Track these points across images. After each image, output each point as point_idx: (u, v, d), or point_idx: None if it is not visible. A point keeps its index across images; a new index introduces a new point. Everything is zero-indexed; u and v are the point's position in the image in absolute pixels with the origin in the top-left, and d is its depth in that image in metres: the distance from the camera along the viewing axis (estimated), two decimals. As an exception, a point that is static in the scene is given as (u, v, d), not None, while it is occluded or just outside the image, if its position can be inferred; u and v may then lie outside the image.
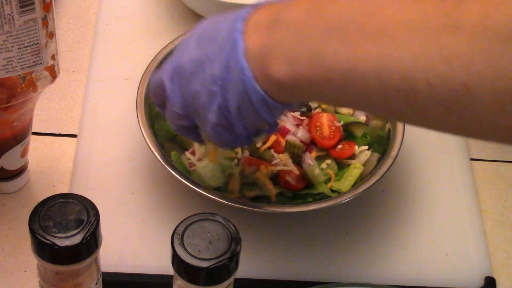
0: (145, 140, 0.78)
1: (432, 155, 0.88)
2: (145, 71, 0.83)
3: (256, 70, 0.60)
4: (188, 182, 0.75)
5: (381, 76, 0.54)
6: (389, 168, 0.78)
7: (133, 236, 0.78)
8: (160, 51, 0.85)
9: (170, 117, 0.69)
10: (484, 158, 0.90)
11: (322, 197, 0.78)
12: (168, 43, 0.86)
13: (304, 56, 0.58)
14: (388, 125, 0.82)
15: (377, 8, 0.55)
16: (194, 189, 0.75)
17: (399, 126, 0.81)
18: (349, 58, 0.55)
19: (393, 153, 0.79)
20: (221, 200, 0.74)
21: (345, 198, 0.75)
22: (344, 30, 0.56)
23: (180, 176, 0.75)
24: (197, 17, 0.98)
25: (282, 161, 0.80)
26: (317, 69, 0.57)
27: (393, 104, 0.55)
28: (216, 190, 0.78)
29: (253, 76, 0.60)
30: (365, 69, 0.55)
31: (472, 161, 0.89)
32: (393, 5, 0.55)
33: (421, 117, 0.56)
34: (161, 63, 0.84)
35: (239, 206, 0.74)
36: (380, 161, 0.79)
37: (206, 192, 0.74)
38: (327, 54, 0.56)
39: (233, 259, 0.55)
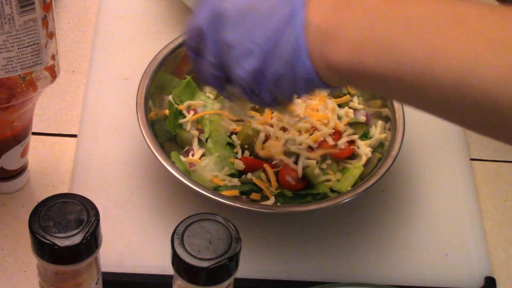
0: (145, 140, 0.78)
1: (432, 155, 0.88)
2: (145, 71, 0.83)
3: (313, 46, 0.58)
4: (189, 182, 0.75)
5: (461, 89, 0.51)
6: (389, 168, 0.77)
7: (133, 236, 0.78)
8: (161, 50, 0.85)
9: (203, 65, 0.66)
10: (484, 158, 0.90)
11: (322, 197, 0.78)
12: (168, 43, 0.86)
13: (373, 46, 0.55)
14: (388, 125, 0.82)
15: (462, 15, 0.52)
16: (194, 189, 0.75)
17: (399, 126, 0.81)
18: (425, 61, 0.52)
19: (393, 153, 0.79)
20: (221, 200, 0.74)
21: (345, 198, 0.75)
22: (423, 29, 0.53)
23: (180, 176, 0.75)
24: (197, 17, 0.98)
25: (283, 162, 0.80)
26: (386, 63, 0.54)
27: (470, 117, 0.53)
28: (216, 190, 0.78)
29: (307, 51, 0.58)
30: (443, 78, 0.52)
31: (472, 161, 0.89)
32: (479, 17, 0.52)
33: (501, 133, 0.54)
34: (161, 63, 0.84)
35: (239, 206, 0.74)
36: (380, 161, 0.79)
37: (206, 192, 0.74)
38: (401, 50, 0.54)
39: (233, 259, 0.55)
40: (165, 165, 0.76)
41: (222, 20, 0.62)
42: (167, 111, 0.84)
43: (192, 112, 0.83)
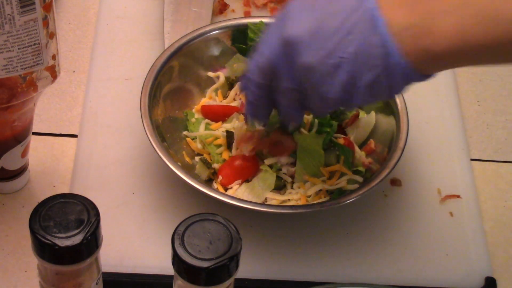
0: (148, 136, 0.78)
1: (432, 155, 0.88)
2: (147, 74, 0.82)
3: (405, 44, 0.61)
4: (190, 180, 0.75)
5: None
6: (398, 161, 0.78)
7: (133, 236, 0.78)
8: (162, 54, 0.85)
9: (281, 96, 0.67)
10: (485, 159, 0.90)
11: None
12: (168, 47, 0.85)
13: (477, 21, 0.59)
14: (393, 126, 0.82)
15: None
16: (195, 186, 0.74)
17: (403, 128, 0.81)
18: None
19: (401, 144, 0.79)
20: (222, 199, 0.74)
21: (347, 199, 0.75)
22: None
23: (182, 173, 0.75)
24: (197, 17, 0.98)
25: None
26: (494, 32, 0.59)
27: None
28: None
29: (399, 51, 0.61)
30: None
31: (473, 162, 0.89)
32: None
33: None
34: (163, 66, 0.84)
35: (240, 205, 0.74)
36: (382, 163, 0.79)
37: (207, 190, 0.74)
38: (503, 17, 0.59)
39: (234, 259, 0.55)
40: (169, 163, 0.76)
41: (295, 47, 0.63)
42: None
43: None
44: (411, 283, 0.78)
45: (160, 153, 0.76)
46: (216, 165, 0.81)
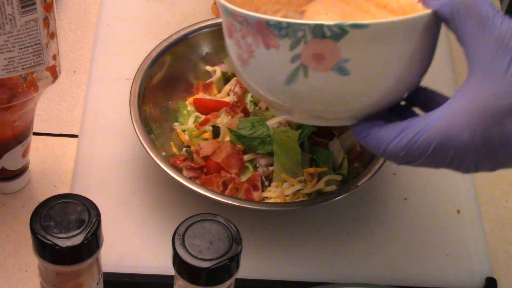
0: (142, 143, 0.78)
1: (433, 155, 0.88)
2: (137, 70, 0.83)
3: None
4: (187, 183, 0.75)
5: None
6: (382, 165, 0.78)
7: (134, 237, 0.78)
8: (154, 49, 0.85)
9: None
10: (485, 159, 0.90)
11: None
12: (162, 41, 0.86)
13: None
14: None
15: None
16: (193, 189, 0.75)
17: None
18: None
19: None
20: (222, 200, 0.74)
21: (344, 193, 0.76)
22: None
23: (179, 177, 0.75)
24: (197, 17, 0.98)
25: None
26: None
27: None
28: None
29: None
30: None
31: (473, 162, 0.89)
32: None
33: None
34: (154, 61, 0.84)
35: (240, 205, 0.74)
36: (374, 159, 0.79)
37: (206, 193, 0.75)
38: None
39: (234, 259, 0.55)
40: (165, 167, 0.76)
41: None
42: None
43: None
44: (411, 283, 0.78)
45: (155, 157, 0.77)
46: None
